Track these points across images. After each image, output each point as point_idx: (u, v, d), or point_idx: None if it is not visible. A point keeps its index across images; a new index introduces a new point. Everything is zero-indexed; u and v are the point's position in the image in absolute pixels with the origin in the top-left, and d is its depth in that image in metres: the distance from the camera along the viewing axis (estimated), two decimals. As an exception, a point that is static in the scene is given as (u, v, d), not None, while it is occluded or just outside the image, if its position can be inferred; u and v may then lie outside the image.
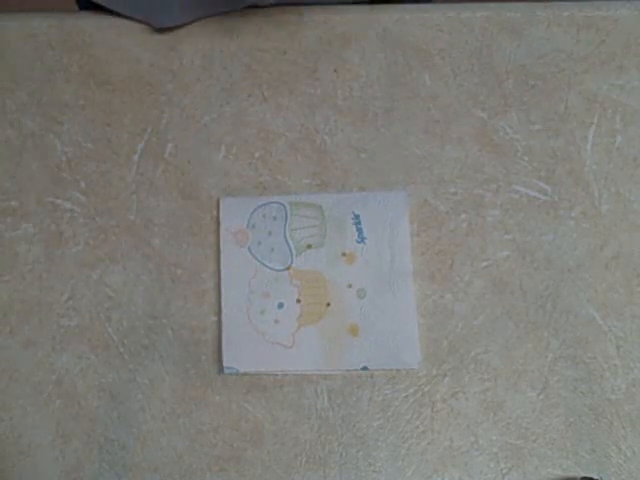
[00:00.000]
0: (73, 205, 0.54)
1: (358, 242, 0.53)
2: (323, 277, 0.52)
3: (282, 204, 0.53)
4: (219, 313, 0.52)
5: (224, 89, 0.55)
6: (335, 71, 0.55)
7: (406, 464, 0.51)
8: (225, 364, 0.51)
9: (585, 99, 0.55)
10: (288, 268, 0.52)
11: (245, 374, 0.52)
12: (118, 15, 0.56)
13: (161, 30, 0.55)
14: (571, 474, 0.50)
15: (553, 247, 0.53)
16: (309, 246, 0.53)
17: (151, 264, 0.53)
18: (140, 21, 0.55)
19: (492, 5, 0.56)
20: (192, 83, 0.55)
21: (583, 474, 0.50)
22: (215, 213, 0.54)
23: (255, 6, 0.54)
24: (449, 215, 0.54)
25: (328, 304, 0.52)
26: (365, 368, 0.51)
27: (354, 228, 0.53)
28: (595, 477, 0.50)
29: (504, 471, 0.51)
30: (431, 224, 0.53)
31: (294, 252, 0.53)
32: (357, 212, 0.53)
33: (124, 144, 0.55)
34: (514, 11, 0.56)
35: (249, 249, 0.53)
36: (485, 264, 0.53)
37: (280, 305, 0.52)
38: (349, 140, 0.54)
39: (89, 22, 0.56)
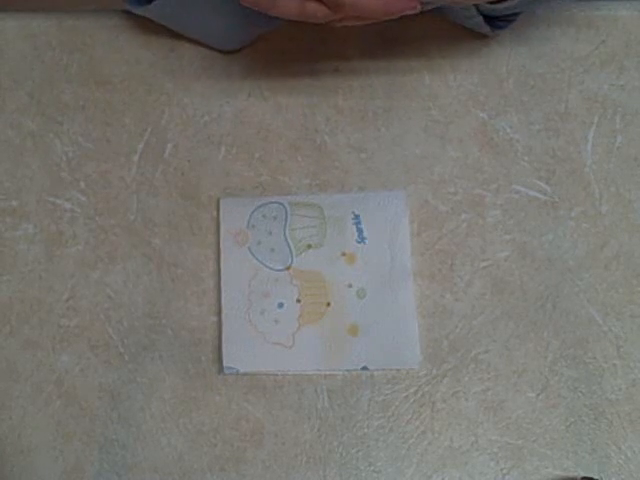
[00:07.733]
0: (73, 205, 0.54)
1: (358, 242, 0.53)
2: (323, 277, 0.52)
3: (282, 204, 0.53)
4: (219, 313, 0.52)
5: (224, 89, 0.55)
6: (335, 71, 0.55)
7: (406, 464, 0.51)
8: (225, 364, 0.51)
9: (585, 99, 0.54)
10: (288, 268, 0.52)
11: (245, 374, 0.52)
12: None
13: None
14: (571, 474, 0.50)
15: (553, 247, 0.53)
16: (309, 246, 0.53)
17: (151, 264, 0.53)
18: (206, 45, 0.55)
19: (492, 5, 0.56)
20: (192, 83, 0.55)
21: (583, 474, 0.50)
22: (215, 213, 0.54)
23: None
24: (449, 215, 0.53)
25: (328, 304, 0.52)
26: (365, 368, 0.51)
27: (354, 228, 0.53)
28: (595, 477, 0.50)
29: (504, 471, 0.51)
30: (431, 224, 0.53)
31: (294, 252, 0.53)
32: (357, 212, 0.53)
33: (124, 144, 0.55)
34: (514, 11, 0.56)
35: (249, 249, 0.53)
36: (485, 264, 0.53)
37: (280, 305, 0.52)
38: (349, 140, 0.54)
39: (89, 22, 0.56)
